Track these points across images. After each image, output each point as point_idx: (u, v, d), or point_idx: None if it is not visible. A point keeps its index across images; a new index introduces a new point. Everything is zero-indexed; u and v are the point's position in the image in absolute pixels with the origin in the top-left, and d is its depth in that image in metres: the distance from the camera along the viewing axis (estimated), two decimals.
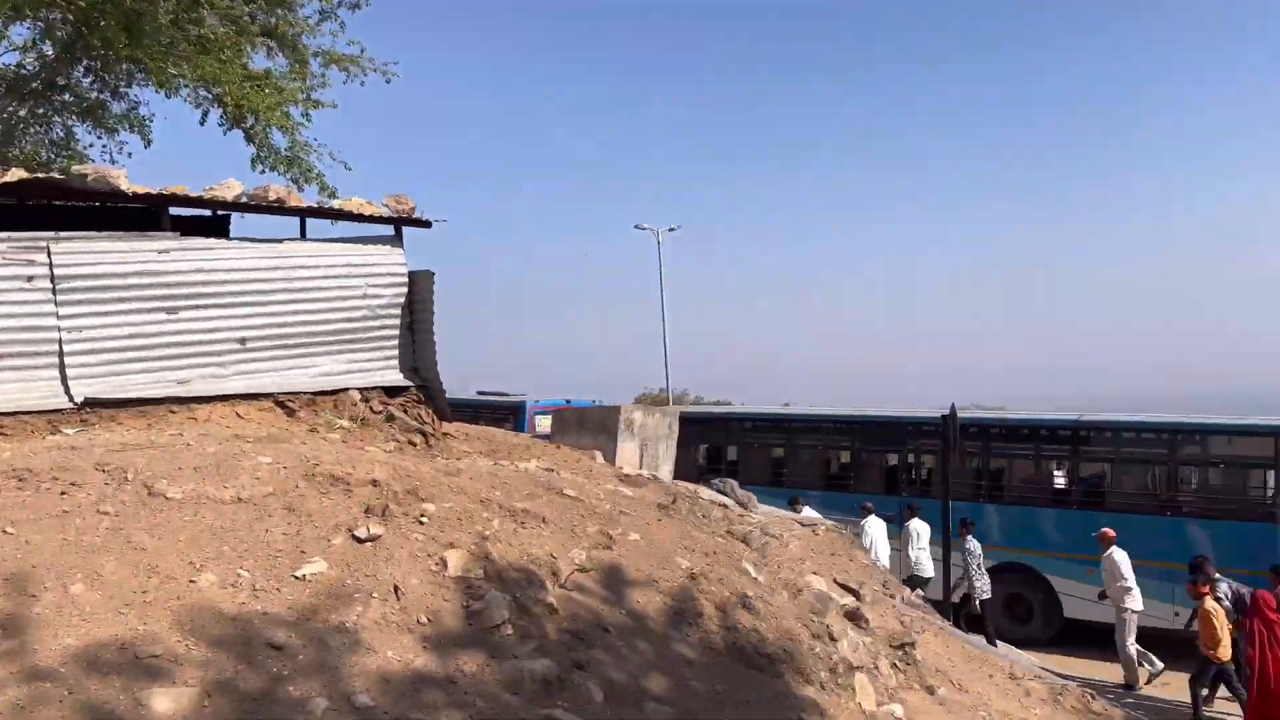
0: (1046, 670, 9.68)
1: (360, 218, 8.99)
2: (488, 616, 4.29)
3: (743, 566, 6.12)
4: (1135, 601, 11.30)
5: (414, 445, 8.29)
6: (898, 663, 6.37)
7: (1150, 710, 9.87)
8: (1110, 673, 11.55)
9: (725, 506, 8.64)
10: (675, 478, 10.09)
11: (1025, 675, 7.98)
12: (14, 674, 3.26)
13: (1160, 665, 11.15)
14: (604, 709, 3.98)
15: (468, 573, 4.62)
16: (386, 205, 9.09)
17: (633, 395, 39.64)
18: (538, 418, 19.07)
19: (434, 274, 9.02)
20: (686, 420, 13.41)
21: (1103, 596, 11.59)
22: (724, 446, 17.17)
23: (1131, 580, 11.30)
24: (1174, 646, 11.19)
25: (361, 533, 4.74)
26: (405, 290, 8.96)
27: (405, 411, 8.79)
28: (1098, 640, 11.88)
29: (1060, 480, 14.12)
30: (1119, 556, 11.41)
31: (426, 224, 9.36)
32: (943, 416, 12.27)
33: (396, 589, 4.36)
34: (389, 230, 9.13)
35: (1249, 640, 9.15)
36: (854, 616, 6.63)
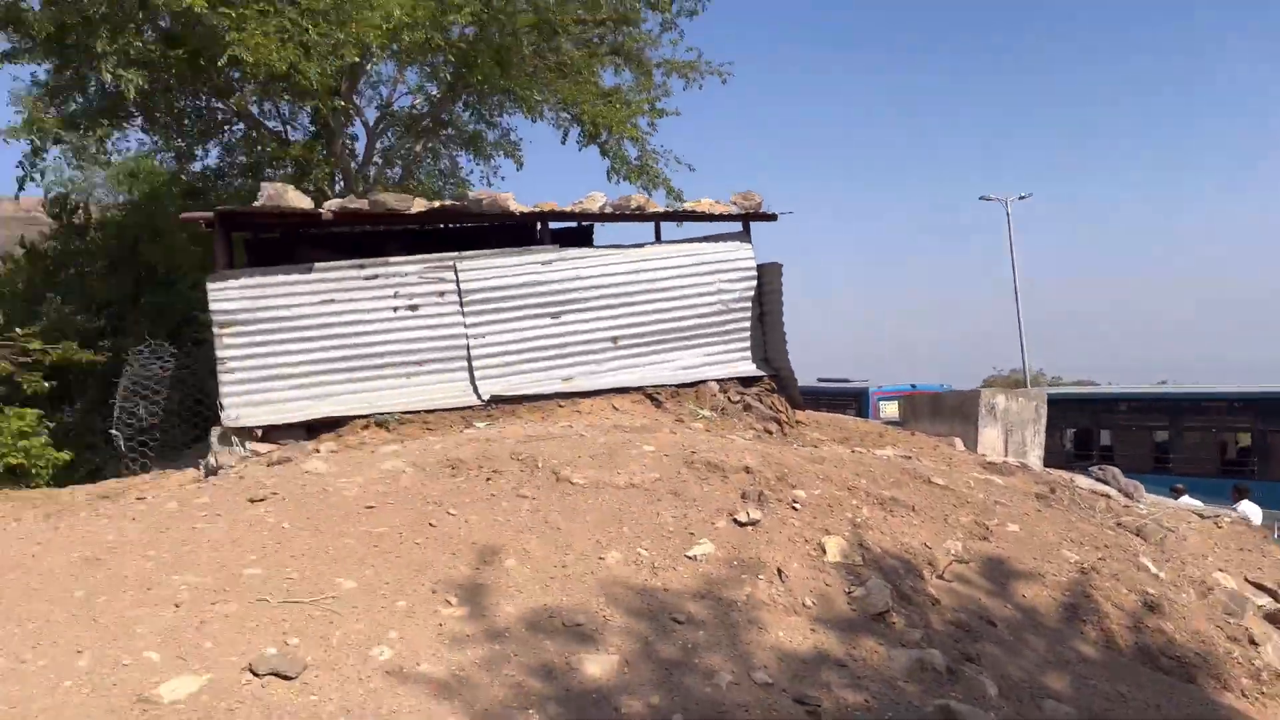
0: None
1: (710, 217, 9.39)
2: (871, 603, 4.34)
3: (1140, 562, 5.62)
4: None
5: (770, 433, 8.52)
6: None
7: None
8: None
9: (1107, 496, 7.96)
10: (1044, 465, 9.45)
11: None
12: (478, 633, 3.85)
13: None
14: (999, 703, 3.87)
15: (846, 559, 4.70)
16: (734, 203, 9.41)
17: (980, 378, 37.46)
18: (881, 404, 18.73)
19: (781, 265, 9.20)
20: (1051, 403, 12.47)
21: None
22: (1094, 430, 15.77)
23: None
24: None
25: (742, 517, 4.98)
26: (755, 283, 9.23)
27: (760, 400, 9.06)
28: None
29: None
30: None
31: (772, 217, 9.56)
32: None
33: (780, 571, 4.55)
34: (737, 227, 9.45)
35: None
36: (1275, 619, 5.84)
